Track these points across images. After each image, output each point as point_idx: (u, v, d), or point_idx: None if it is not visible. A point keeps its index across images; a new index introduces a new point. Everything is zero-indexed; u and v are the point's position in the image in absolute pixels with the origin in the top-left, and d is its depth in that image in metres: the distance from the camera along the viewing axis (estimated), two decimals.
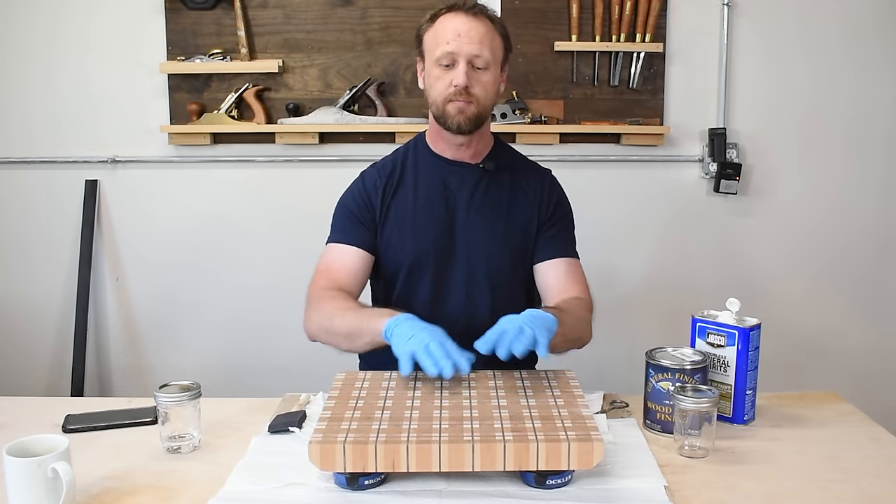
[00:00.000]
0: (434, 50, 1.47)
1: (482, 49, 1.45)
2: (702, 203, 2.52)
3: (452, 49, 1.45)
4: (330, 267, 1.53)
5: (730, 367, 1.32)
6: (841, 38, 2.45)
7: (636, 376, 1.37)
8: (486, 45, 1.46)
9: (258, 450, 1.22)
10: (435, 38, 1.48)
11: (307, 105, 2.43)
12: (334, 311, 1.42)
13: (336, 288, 1.49)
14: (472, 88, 1.46)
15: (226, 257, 2.53)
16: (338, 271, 1.52)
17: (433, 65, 1.48)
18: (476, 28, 1.46)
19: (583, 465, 1.05)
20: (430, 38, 1.49)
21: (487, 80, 1.48)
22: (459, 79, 1.44)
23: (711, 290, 2.51)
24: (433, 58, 1.48)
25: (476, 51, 1.45)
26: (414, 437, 1.05)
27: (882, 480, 1.13)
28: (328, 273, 1.52)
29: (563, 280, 1.56)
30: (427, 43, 1.51)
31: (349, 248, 1.54)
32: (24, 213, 2.52)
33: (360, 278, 1.55)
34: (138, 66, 2.43)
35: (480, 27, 1.46)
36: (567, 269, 1.57)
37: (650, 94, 2.45)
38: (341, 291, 1.48)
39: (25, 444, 1.03)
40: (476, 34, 1.45)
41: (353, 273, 1.53)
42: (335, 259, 1.54)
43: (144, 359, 2.57)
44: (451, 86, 1.46)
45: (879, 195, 2.53)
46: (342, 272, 1.52)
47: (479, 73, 1.47)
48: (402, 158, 1.60)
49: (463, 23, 1.46)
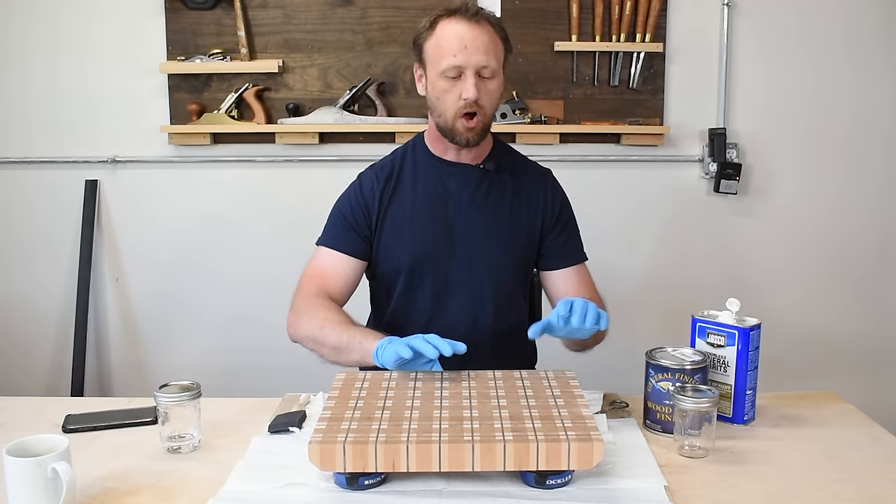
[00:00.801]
0: (438, 61, 1.44)
1: (488, 58, 1.43)
2: (702, 203, 2.52)
3: (460, 62, 1.42)
4: (320, 272, 1.53)
5: (730, 367, 1.32)
6: (841, 38, 2.45)
7: (636, 376, 1.37)
8: (492, 54, 1.44)
9: (258, 450, 1.21)
10: (438, 49, 1.44)
11: (307, 105, 2.43)
12: (325, 322, 1.41)
13: (326, 294, 1.49)
14: (480, 100, 1.44)
15: (226, 257, 2.53)
16: (328, 277, 1.52)
17: (438, 77, 1.45)
18: (480, 36, 1.42)
19: (583, 465, 1.05)
20: (433, 46, 1.46)
21: (493, 89, 1.47)
22: (470, 92, 1.42)
23: (711, 290, 2.51)
24: (438, 70, 1.44)
25: (483, 61, 1.42)
26: (414, 437, 1.05)
27: (882, 480, 1.13)
28: (318, 278, 1.52)
29: (575, 287, 1.57)
30: (429, 52, 1.47)
31: (340, 255, 1.54)
32: (25, 213, 2.52)
33: (350, 286, 1.55)
34: (138, 66, 2.43)
35: (484, 35, 1.43)
36: (577, 277, 1.59)
37: (650, 94, 2.45)
38: (331, 301, 1.48)
39: (25, 444, 1.03)
40: (481, 43, 1.42)
41: (343, 280, 1.53)
42: (326, 265, 1.54)
43: (144, 359, 2.58)
44: (461, 99, 1.43)
45: (879, 195, 2.53)
46: (332, 278, 1.52)
47: (487, 83, 1.45)
48: (400, 160, 1.58)
49: (466, 31, 1.42)
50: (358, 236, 1.55)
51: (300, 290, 1.51)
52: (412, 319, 1.57)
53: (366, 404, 1.18)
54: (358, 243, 1.55)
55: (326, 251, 1.55)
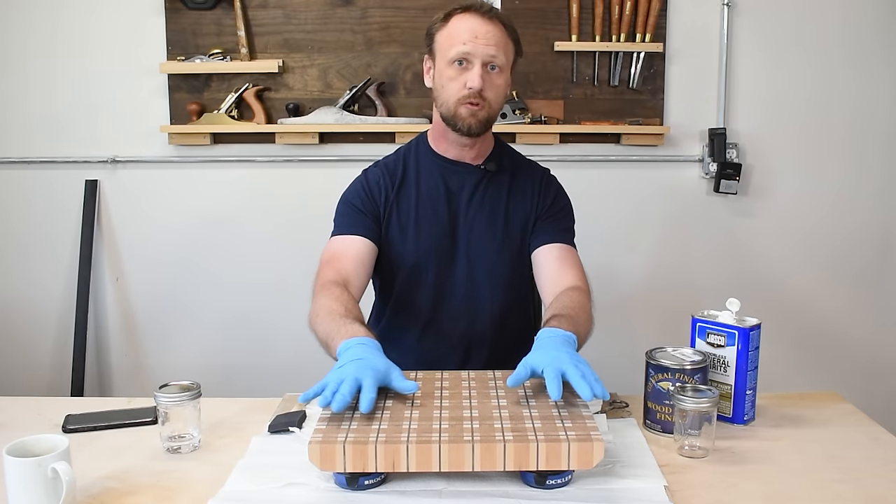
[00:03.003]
0: (448, 50, 1.46)
1: (498, 52, 1.44)
2: (702, 203, 2.52)
3: (469, 50, 1.43)
4: (334, 256, 1.49)
5: (730, 367, 1.32)
6: (840, 38, 2.45)
7: (636, 376, 1.37)
8: (502, 49, 1.45)
9: (258, 450, 1.21)
10: (449, 38, 1.46)
11: (307, 105, 2.43)
12: (320, 310, 1.35)
13: (341, 278, 1.44)
14: (485, 92, 1.45)
15: (226, 257, 2.53)
16: (342, 259, 1.48)
17: (446, 65, 1.46)
18: (492, 31, 1.45)
19: (583, 465, 1.05)
20: (444, 37, 1.48)
21: (500, 84, 1.47)
22: (475, 81, 1.43)
23: (711, 289, 2.51)
24: (447, 57, 1.46)
25: (493, 52, 1.44)
26: (414, 437, 1.05)
27: (882, 480, 1.13)
28: (332, 262, 1.48)
29: (556, 266, 1.52)
30: (440, 42, 1.48)
31: (354, 237, 1.51)
32: (25, 213, 2.52)
33: (366, 266, 1.51)
34: (138, 66, 2.43)
35: (496, 30, 1.45)
36: (560, 254, 1.54)
37: (650, 94, 2.45)
38: (340, 287, 1.41)
39: (25, 444, 1.03)
40: (493, 37, 1.44)
41: (359, 261, 1.49)
42: (340, 248, 1.51)
43: (144, 359, 2.58)
44: (466, 87, 1.44)
45: (879, 194, 2.54)
46: (347, 259, 1.48)
47: (493, 76, 1.46)
48: (404, 158, 1.59)
49: (480, 24, 1.44)
50: (369, 219, 1.53)
51: (315, 279, 1.46)
52: (413, 316, 1.58)
53: None
54: (371, 226, 1.53)
55: (339, 237, 1.53)
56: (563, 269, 1.51)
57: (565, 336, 1.25)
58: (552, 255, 1.54)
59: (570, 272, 1.50)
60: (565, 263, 1.52)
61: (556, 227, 1.57)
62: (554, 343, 1.23)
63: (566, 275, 1.50)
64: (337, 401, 1.10)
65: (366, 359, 1.17)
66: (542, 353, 1.20)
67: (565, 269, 1.51)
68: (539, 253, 1.55)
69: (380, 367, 1.17)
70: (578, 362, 1.17)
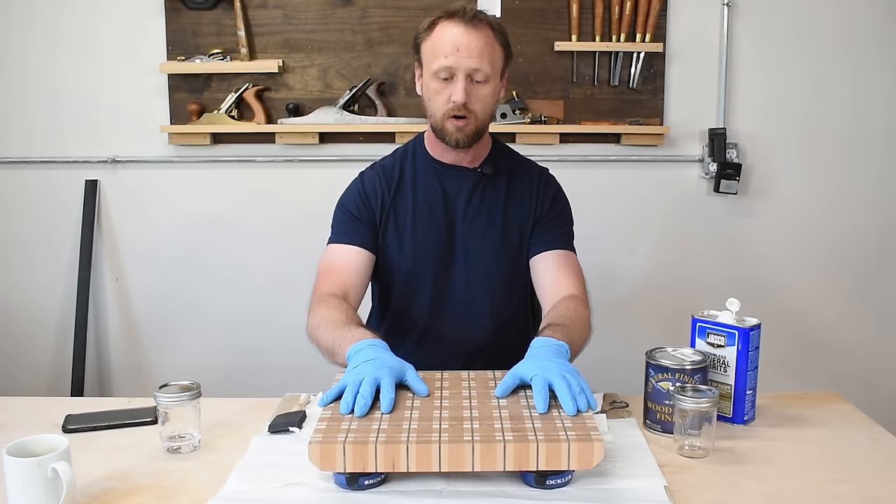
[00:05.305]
0: (432, 62, 1.44)
1: (481, 62, 1.41)
2: (702, 203, 2.52)
3: (451, 63, 1.41)
4: (332, 267, 1.50)
5: (730, 367, 1.32)
6: (840, 38, 2.45)
7: (636, 376, 1.37)
8: (486, 58, 1.42)
9: (258, 450, 1.21)
10: (433, 50, 1.44)
11: (307, 105, 2.43)
12: (321, 321, 1.37)
13: (340, 289, 1.46)
14: (470, 104, 1.43)
15: (226, 257, 2.53)
16: (340, 271, 1.49)
17: (431, 77, 1.44)
18: (475, 40, 1.41)
19: (583, 465, 1.05)
20: (428, 48, 1.45)
21: (486, 94, 1.45)
22: (458, 95, 1.41)
23: (711, 289, 2.51)
24: (431, 70, 1.44)
25: (475, 65, 1.41)
26: (414, 437, 1.05)
27: (882, 480, 1.13)
28: (331, 274, 1.49)
29: (554, 274, 1.51)
30: (425, 53, 1.46)
31: (351, 247, 1.52)
32: (25, 213, 2.52)
33: (364, 277, 1.52)
34: (138, 66, 2.43)
35: (479, 39, 1.42)
36: (558, 261, 1.53)
37: (650, 94, 2.45)
38: (338, 298, 1.43)
39: (25, 444, 1.03)
40: (475, 47, 1.41)
41: (357, 272, 1.50)
42: (338, 259, 1.51)
43: (144, 358, 2.58)
44: (450, 101, 1.43)
45: (878, 194, 2.54)
46: (345, 271, 1.49)
47: (478, 87, 1.44)
48: (401, 161, 1.58)
49: (462, 34, 1.41)
50: (366, 227, 1.53)
51: (313, 291, 1.48)
52: (411, 322, 1.57)
53: None
54: (368, 235, 1.53)
55: (336, 246, 1.53)
56: (561, 277, 1.51)
57: (557, 346, 1.25)
58: (550, 263, 1.53)
59: (569, 280, 1.50)
60: (564, 271, 1.52)
61: (555, 233, 1.56)
62: (545, 352, 1.23)
63: (564, 283, 1.49)
64: (359, 405, 1.11)
65: (380, 358, 1.20)
66: (532, 362, 1.21)
67: (564, 277, 1.51)
68: (538, 260, 1.55)
69: (395, 365, 1.20)
70: (567, 372, 1.17)
